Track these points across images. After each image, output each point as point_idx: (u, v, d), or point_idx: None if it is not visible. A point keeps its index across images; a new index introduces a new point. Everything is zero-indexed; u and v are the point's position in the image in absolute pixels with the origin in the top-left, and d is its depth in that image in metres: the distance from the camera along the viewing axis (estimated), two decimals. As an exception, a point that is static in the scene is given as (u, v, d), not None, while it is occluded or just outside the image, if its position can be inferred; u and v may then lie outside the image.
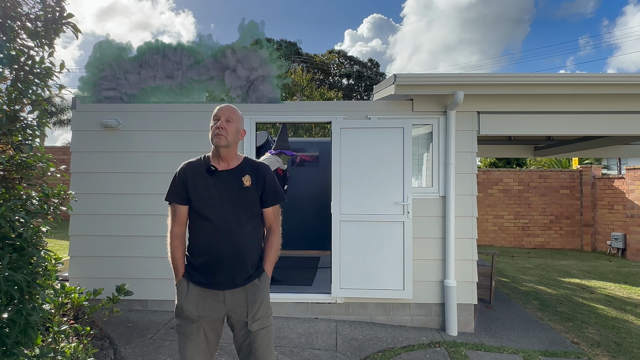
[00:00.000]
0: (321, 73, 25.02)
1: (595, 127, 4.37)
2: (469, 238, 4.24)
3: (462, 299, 4.18)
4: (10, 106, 2.20)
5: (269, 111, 4.55)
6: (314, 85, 14.61)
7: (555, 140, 7.16)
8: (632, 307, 5.37)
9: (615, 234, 9.58)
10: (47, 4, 2.26)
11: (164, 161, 4.34)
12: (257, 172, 2.08)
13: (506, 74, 4.79)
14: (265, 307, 2.04)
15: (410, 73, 6.46)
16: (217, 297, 1.99)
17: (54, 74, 2.31)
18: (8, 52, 2.10)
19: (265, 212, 2.10)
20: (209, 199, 2.00)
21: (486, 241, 10.67)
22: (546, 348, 3.79)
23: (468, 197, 4.25)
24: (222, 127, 2.00)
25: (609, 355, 3.70)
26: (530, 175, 10.78)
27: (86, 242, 4.39)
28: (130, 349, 3.43)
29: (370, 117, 4.34)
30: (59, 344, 2.69)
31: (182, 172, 2.07)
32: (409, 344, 3.77)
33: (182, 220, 2.06)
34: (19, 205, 2.21)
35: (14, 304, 2.05)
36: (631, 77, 4.05)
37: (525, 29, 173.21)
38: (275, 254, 2.10)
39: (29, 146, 2.24)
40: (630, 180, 9.36)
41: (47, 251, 2.40)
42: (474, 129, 4.29)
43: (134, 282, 3.93)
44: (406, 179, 4.18)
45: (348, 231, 4.21)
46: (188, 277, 2.02)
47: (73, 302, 3.41)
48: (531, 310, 5.01)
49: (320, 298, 4.33)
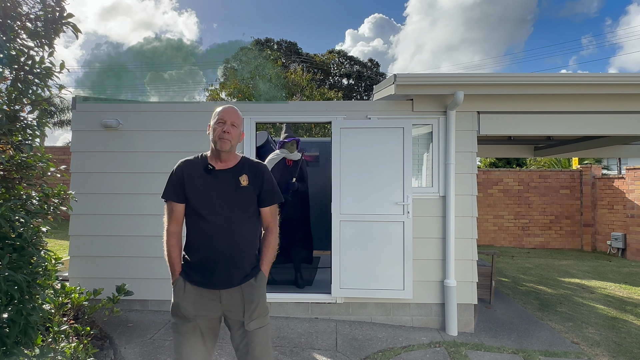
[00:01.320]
0: (321, 73, 25.01)
1: (595, 127, 4.36)
2: (469, 238, 4.24)
3: (462, 299, 4.18)
4: (10, 106, 2.20)
5: (269, 111, 4.55)
6: (314, 85, 14.60)
7: (555, 140, 7.16)
8: (632, 307, 5.37)
9: (615, 234, 9.58)
10: (47, 4, 2.26)
11: (163, 161, 4.33)
12: (254, 171, 2.07)
13: (506, 74, 4.78)
14: (261, 306, 2.04)
15: (410, 73, 6.46)
16: (213, 296, 1.99)
17: (54, 74, 2.31)
18: (8, 52, 2.10)
19: (263, 211, 2.10)
20: (206, 198, 1.99)
21: (486, 241, 10.67)
22: (546, 348, 3.79)
23: (468, 197, 4.25)
24: (228, 131, 1.99)
25: (609, 355, 3.70)
26: (530, 175, 10.78)
27: (86, 242, 4.39)
28: (130, 349, 3.43)
29: (370, 117, 4.34)
30: (59, 344, 2.68)
31: (179, 170, 2.06)
32: (409, 344, 3.77)
33: (179, 219, 2.06)
34: (19, 205, 2.21)
35: (14, 304, 2.05)
36: (631, 77, 4.04)
37: (528, 29, 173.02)
38: (272, 253, 2.10)
39: (29, 146, 2.24)
40: (630, 180, 9.36)
41: (47, 251, 2.40)
42: (474, 129, 4.29)
43: (134, 282, 3.94)
44: (406, 179, 4.18)
45: (348, 231, 4.21)
46: (185, 276, 2.02)
47: (73, 302, 3.41)
48: (531, 310, 5.01)
49: (320, 298, 4.33)
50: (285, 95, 13.09)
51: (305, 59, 25.28)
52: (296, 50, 25.71)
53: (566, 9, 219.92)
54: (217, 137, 2.00)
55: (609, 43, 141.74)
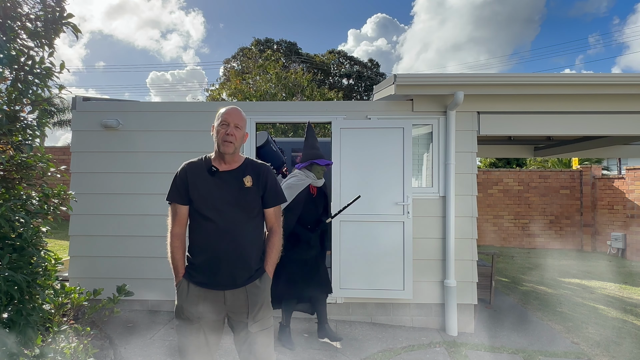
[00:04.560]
0: (321, 73, 25.03)
1: (595, 127, 4.36)
2: (469, 238, 4.24)
3: (462, 299, 4.18)
4: (10, 106, 2.20)
5: (269, 111, 4.55)
6: (315, 86, 14.59)
7: (555, 140, 7.16)
8: (632, 307, 5.37)
9: (615, 234, 9.58)
10: (47, 4, 2.26)
11: (164, 161, 4.34)
12: (258, 172, 2.07)
13: (506, 74, 4.79)
14: (265, 308, 2.04)
15: (410, 73, 6.47)
16: (217, 298, 1.98)
17: (54, 74, 2.31)
18: (8, 52, 2.10)
19: (267, 212, 2.10)
20: (210, 199, 1.99)
21: (486, 241, 10.67)
22: (546, 348, 3.79)
23: (468, 197, 4.25)
24: (231, 134, 1.99)
25: (609, 355, 3.69)
26: (530, 176, 10.78)
27: (86, 242, 4.39)
28: (130, 349, 3.43)
29: (370, 117, 4.34)
30: (59, 344, 2.68)
31: (183, 172, 2.06)
32: (409, 344, 3.77)
33: (183, 221, 2.06)
34: (19, 205, 2.21)
35: (14, 304, 2.05)
36: (630, 77, 4.04)
37: (535, 29, 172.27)
38: (276, 254, 2.10)
39: (29, 146, 2.24)
40: (630, 180, 9.36)
41: (47, 251, 2.40)
42: (474, 129, 4.29)
43: (134, 282, 3.93)
44: (406, 179, 4.18)
45: (348, 231, 4.21)
46: (188, 277, 2.02)
47: (73, 302, 3.41)
48: (531, 310, 5.01)
49: (320, 298, 4.33)
50: (286, 96, 13.08)
51: (305, 59, 25.29)
52: (296, 50, 25.73)
53: (575, 9, 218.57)
54: (220, 140, 2.00)
55: (616, 42, 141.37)
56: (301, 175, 3.61)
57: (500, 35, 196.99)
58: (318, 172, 3.63)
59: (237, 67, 21.77)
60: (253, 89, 12.92)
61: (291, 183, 3.56)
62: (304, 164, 3.64)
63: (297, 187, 3.53)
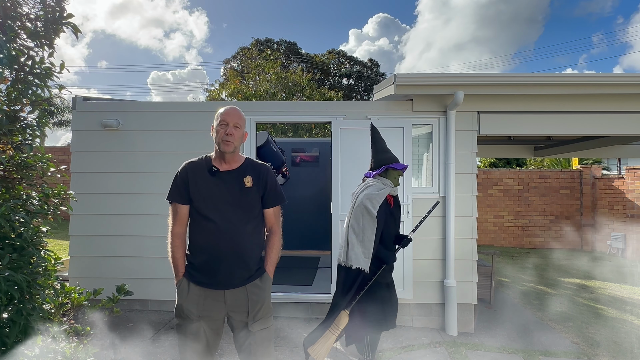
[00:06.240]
0: (321, 73, 25.03)
1: (595, 127, 4.36)
2: (469, 238, 4.24)
3: (462, 299, 4.18)
4: (10, 106, 2.20)
5: (269, 111, 4.55)
6: (314, 86, 14.57)
7: (555, 140, 7.16)
8: (632, 307, 5.37)
9: (615, 234, 9.57)
10: (47, 4, 2.26)
11: (163, 161, 4.34)
12: (258, 173, 2.08)
13: (506, 74, 4.79)
14: (266, 308, 2.04)
15: (410, 73, 6.47)
16: (217, 297, 1.99)
17: (54, 74, 2.31)
18: (8, 53, 2.10)
19: (266, 213, 2.11)
20: (210, 199, 2.00)
21: (486, 241, 10.67)
22: (546, 348, 3.79)
23: (468, 197, 4.25)
24: (231, 133, 1.99)
25: (609, 355, 3.69)
26: (530, 175, 10.77)
27: (86, 242, 4.39)
28: (130, 349, 3.43)
29: (370, 117, 4.34)
30: (59, 344, 2.68)
31: (184, 171, 2.07)
32: (409, 344, 3.77)
33: (183, 220, 2.06)
34: (19, 205, 2.21)
35: (14, 304, 2.05)
36: (630, 77, 4.04)
37: (539, 29, 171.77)
38: (276, 255, 2.11)
39: (29, 146, 2.24)
40: (630, 180, 9.36)
41: (47, 251, 2.40)
42: (474, 129, 4.29)
43: (134, 282, 3.93)
44: (406, 179, 4.18)
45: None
46: (189, 277, 2.02)
47: (73, 302, 3.41)
48: (531, 310, 5.01)
49: (320, 298, 4.33)
50: (285, 96, 13.08)
51: (305, 59, 25.29)
52: (296, 50, 25.72)
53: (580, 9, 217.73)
54: (220, 140, 2.00)
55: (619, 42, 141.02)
56: (379, 184, 2.95)
57: (503, 34, 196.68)
58: (395, 178, 3.02)
59: (237, 67, 21.77)
60: (252, 89, 12.91)
61: (370, 194, 2.89)
62: (378, 171, 3.02)
63: (378, 197, 2.87)
